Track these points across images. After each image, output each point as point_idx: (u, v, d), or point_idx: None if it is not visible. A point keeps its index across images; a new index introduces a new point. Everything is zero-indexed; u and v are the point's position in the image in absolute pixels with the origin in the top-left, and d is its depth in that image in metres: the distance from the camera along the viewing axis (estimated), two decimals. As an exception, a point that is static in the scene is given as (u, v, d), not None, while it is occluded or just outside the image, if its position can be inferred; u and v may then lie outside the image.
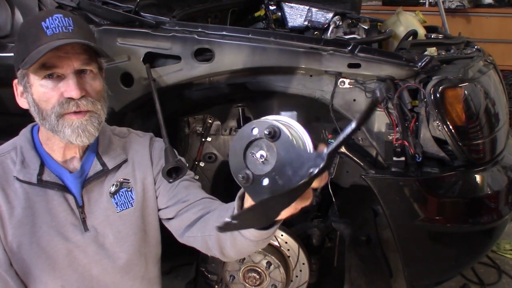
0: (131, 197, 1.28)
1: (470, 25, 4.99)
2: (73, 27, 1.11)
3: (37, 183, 1.17)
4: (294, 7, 2.36)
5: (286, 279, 1.96)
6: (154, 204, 1.32)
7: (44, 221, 1.19)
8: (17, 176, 1.17)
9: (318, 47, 1.64)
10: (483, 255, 2.17)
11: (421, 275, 1.79)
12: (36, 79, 1.11)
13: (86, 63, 1.13)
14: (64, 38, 1.09)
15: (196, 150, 2.19)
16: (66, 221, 1.21)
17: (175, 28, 1.74)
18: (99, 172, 1.24)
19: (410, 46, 1.82)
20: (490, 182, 1.68)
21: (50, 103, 1.11)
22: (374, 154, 1.83)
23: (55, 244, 1.20)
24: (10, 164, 1.19)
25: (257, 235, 0.99)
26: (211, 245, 1.19)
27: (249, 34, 1.70)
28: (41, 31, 1.09)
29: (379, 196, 1.66)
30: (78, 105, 1.11)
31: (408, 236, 1.71)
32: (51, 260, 1.20)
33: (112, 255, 1.27)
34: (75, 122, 1.12)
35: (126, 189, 1.28)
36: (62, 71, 1.11)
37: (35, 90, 1.12)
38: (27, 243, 1.17)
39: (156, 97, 1.65)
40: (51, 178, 1.19)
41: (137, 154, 1.32)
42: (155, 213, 1.33)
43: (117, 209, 1.26)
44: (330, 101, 1.69)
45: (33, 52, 1.08)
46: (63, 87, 1.11)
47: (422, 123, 1.60)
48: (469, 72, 1.67)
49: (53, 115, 1.11)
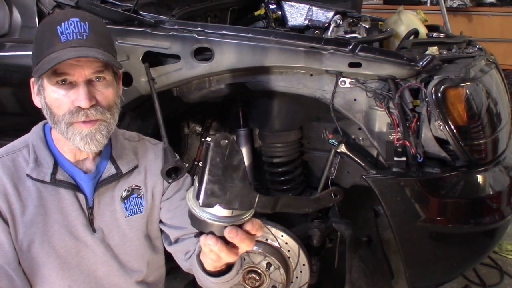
0: (141, 203, 1.30)
1: (471, 24, 4.99)
2: (88, 33, 1.10)
3: (50, 182, 1.18)
4: (294, 6, 2.35)
5: (286, 280, 1.95)
6: (157, 214, 1.35)
7: (55, 220, 1.19)
8: (30, 174, 1.17)
9: (318, 46, 1.63)
10: (485, 256, 2.16)
11: (423, 276, 1.78)
12: (48, 84, 1.12)
13: (99, 71, 1.12)
14: (77, 46, 1.08)
15: (195, 150, 2.18)
16: (77, 220, 1.21)
17: (175, 27, 1.73)
18: (113, 176, 1.25)
19: (412, 45, 1.81)
20: (492, 183, 1.67)
21: (61, 109, 1.12)
22: (375, 154, 1.83)
23: (66, 243, 1.21)
24: (22, 162, 1.19)
25: (214, 281, 1.09)
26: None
27: (249, 33, 1.69)
28: (55, 36, 1.09)
29: (380, 197, 1.65)
30: (87, 114, 1.12)
31: (409, 236, 1.70)
32: (61, 259, 1.21)
33: (117, 257, 1.28)
34: (84, 131, 1.13)
35: (137, 195, 1.30)
36: (74, 78, 1.11)
37: (47, 94, 1.13)
38: (38, 241, 1.18)
39: (155, 97, 1.64)
40: (64, 177, 1.20)
41: (149, 162, 1.34)
42: (157, 221, 1.36)
43: (126, 214, 1.28)
44: (331, 101, 1.68)
45: (45, 59, 1.08)
46: (74, 95, 1.11)
47: (424, 123, 1.59)
48: (471, 71, 1.66)
49: (63, 122, 1.12)
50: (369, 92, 1.64)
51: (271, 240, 1.93)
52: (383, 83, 1.62)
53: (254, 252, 1.93)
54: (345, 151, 1.81)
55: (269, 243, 1.94)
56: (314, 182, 2.13)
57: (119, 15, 1.76)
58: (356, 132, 1.88)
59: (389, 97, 1.60)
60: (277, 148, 2.02)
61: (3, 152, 1.20)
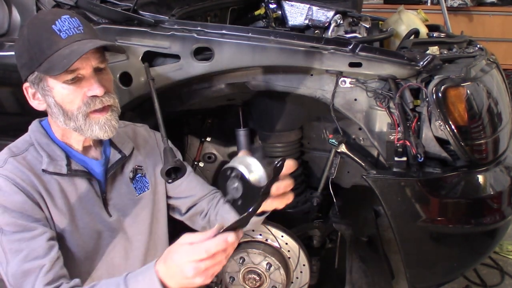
0: (146, 181, 1.39)
1: (472, 24, 4.99)
2: (82, 27, 1.17)
3: (67, 174, 1.22)
4: (294, 6, 2.35)
5: (287, 281, 1.95)
6: (163, 190, 1.44)
7: (78, 209, 1.24)
8: (46, 169, 1.20)
9: (318, 46, 1.63)
10: (486, 256, 2.15)
11: (423, 277, 1.78)
12: (56, 82, 1.15)
13: (101, 61, 1.19)
14: (79, 40, 1.14)
15: (195, 150, 2.18)
16: (95, 206, 1.27)
17: (174, 26, 1.73)
18: (119, 160, 1.33)
19: (412, 45, 1.80)
20: (493, 183, 1.67)
21: (75, 103, 1.16)
22: (375, 154, 1.83)
23: (88, 231, 1.26)
24: (34, 160, 1.21)
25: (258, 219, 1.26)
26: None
27: (249, 33, 1.68)
28: (54, 35, 1.12)
29: (381, 197, 1.64)
30: (103, 101, 1.18)
31: (410, 237, 1.69)
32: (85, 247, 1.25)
33: (131, 238, 1.34)
34: (101, 119, 1.18)
35: (141, 174, 1.39)
36: (83, 71, 1.15)
37: (57, 93, 1.16)
38: (68, 231, 1.21)
39: (155, 97, 1.64)
40: (78, 167, 1.25)
41: (144, 142, 1.44)
42: (164, 199, 1.45)
43: (136, 193, 1.36)
44: (331, 101, 1.68)
45: (54, 56, 1.11)
46: (86, 86, 1.16)
47: (424, 122, 1.59)
48: (472, 71, 1.65)
49: (80, 115, 1.16)
50: (370, 92, 1.63)
51: (271, 241, 1.93)
52: (384, 83, 1.61)
53: (254, 253, 1.93)
54: (346, 151, 1.80)
55: (269, 244, 1.93)
56: (314, 182, 2.13)
57: (119, 15, 1.76)
58: (357, 132, 1.88)
59: (389, 97, 1.59)
60: (277, 148, 2.01)
61: (10, 154, 1.21)
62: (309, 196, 2.09)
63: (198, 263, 0.89)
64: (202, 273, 0.89)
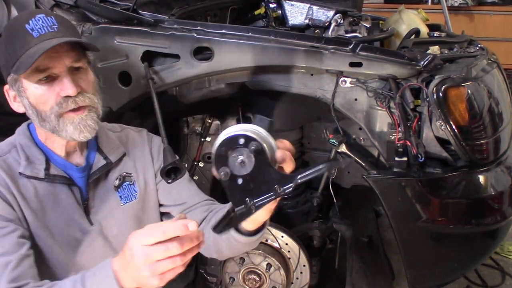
0: (134, 190, 1.32)
1: (473, 23, 4.98)
2: (57, 25, 1.13)
3: (44, 178, 1.18)
4: (294, 5, 2.34)
5: (287, 281, 1.95)
6: (155, 198, 1.36)
7: (53, 215, 1.19)
8: (23, 172, 1.17)
9: (319, 45, 1.62)
10: (487, 256, 2.14)
11: (424, 277, 1.77)
12: (29, 83, 1.12)
13: (77, 60, 1.14)
14: (52, 38, 1.10)
15: (195, 150, 2.17)
16: (74, 214, 1.22)
17: (174, 26, 1.72)
18: (103, 166, 1.26)
19: (413, 44, 1.80)
20: (494, 183, 1.66)
21: (48, 104, 1.12)
22: (375, 154, 1.82)
23: (66, 238, 1.21)
24: (13, 162, 1.19)
25: (248, 240, 1.11)
26: (208, 245, 1.21)
27: (249, 32, 1.68)
28: (27, 34, 1.10)
29: (381, 197, 1.64)
30: (76, 102, 1.13)
31: (410, 237, 1.69)
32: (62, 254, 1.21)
33: (116, 248, 1.27)
34: (75, 119, 1.13)
35: (129, 182, 1.31)
36: (56, 71, 1.11)
37: (30, 93, 1.13)
38: (41, 235, 1.17)
39: (154, 96, 1.64)
40: (58, 172, 1.20)
41: (136, 148, 1.36)
42: (156, 207, 1.36)
43: (121, 202, 1.29)
44: (331, 101, 1.67)
45: (23, 56, 1.08)
46: (59, 87, 1.12)
47: (425, 122, 1.58)
48: (472, 71, 1.65)
49: (53, 115, 1.12)
50: (370, 92, 1.63)
51: (271, 241, 1.92)
52: (384, 83, 1.61)
53: (254, 253, 1.92)
54: (346, 151, 1.80)
55: (269, 244, 1.93)
56: (315, 183, 2.12)
57: (118, 14, 1.76)
58: (357, 132, 1.88)
59: (390, 97, 1.59)
60: (277, 148, 2.01)
61: None
62: (309, 196, 2.09)
63: (151, 248, 0.84)
64: (153, 264, 0.84)
